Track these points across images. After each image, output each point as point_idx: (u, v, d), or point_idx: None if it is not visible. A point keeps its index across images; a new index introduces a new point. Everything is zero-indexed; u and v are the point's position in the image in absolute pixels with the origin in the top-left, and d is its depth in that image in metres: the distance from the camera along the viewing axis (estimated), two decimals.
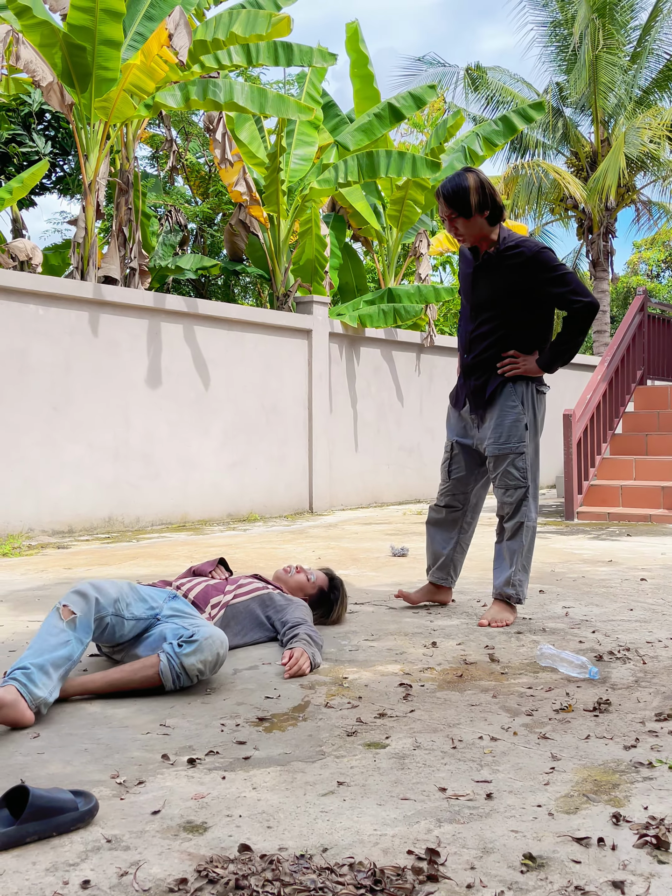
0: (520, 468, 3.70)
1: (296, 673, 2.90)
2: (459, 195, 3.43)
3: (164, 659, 2.66)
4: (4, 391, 6.65)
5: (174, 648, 2.67)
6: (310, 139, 10.32)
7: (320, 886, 1.56)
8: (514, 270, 3.56)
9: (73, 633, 2.60)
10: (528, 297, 3.60)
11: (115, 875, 1.62)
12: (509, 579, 3.76)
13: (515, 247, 3.56)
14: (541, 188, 16.64)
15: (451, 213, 3.47)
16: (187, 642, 2.68)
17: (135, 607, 2.87)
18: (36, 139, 9.29)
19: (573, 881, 1.58)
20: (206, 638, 2.69)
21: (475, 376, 3.75)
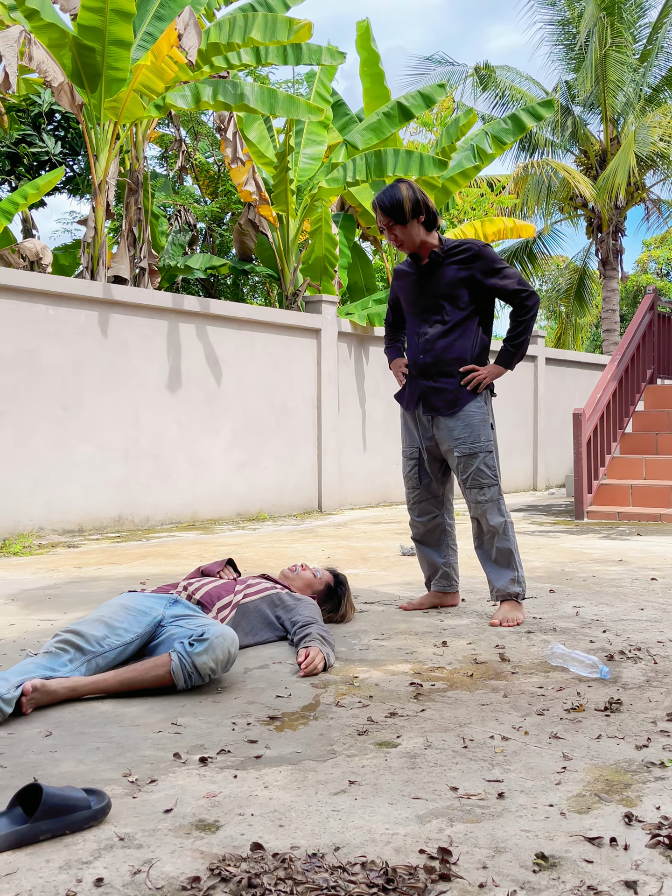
0: (490, 466, 3.77)
1: (311, 672, 2.91)
2: (394, 203, 3.59)
3: (175, 658, 2.67)
4: (15, 391, 6.67)
5: (185, 647, 2.68)
6: (319, 138, 10.33)
7: (332, 885, 1.57)
8: (463, 265, 3.68)
9: (46, 662, 2.63)
10: (476, 290, 3.71)
11: (129, 873, 1.62)
12: (515, 578, 3.78)
13: (460, 244, 3.71)
14: (550, 187, 16.60)
15: (389, 221, 3.63)
16: (198, 641, 2.69)
17: (133, 627, 2.88)
18: (46, 139, 9.31)
19: (586, 881, 1.58)
20: (216, 636, 2.70)
21: (432, 378, 3.78)
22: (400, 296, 3.91)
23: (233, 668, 3.00)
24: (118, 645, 2.80)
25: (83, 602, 4.20)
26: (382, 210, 3.60)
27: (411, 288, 3.81)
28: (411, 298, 3.82)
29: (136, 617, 2.91)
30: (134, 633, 2.86)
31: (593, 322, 24.11)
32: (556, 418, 12.64)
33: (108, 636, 2.79)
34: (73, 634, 2.74)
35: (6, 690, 2.44)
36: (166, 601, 3.06)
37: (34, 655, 2.67)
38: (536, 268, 19.16)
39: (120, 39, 7.11)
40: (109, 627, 2.82)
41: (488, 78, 16.87)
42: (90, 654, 2.73)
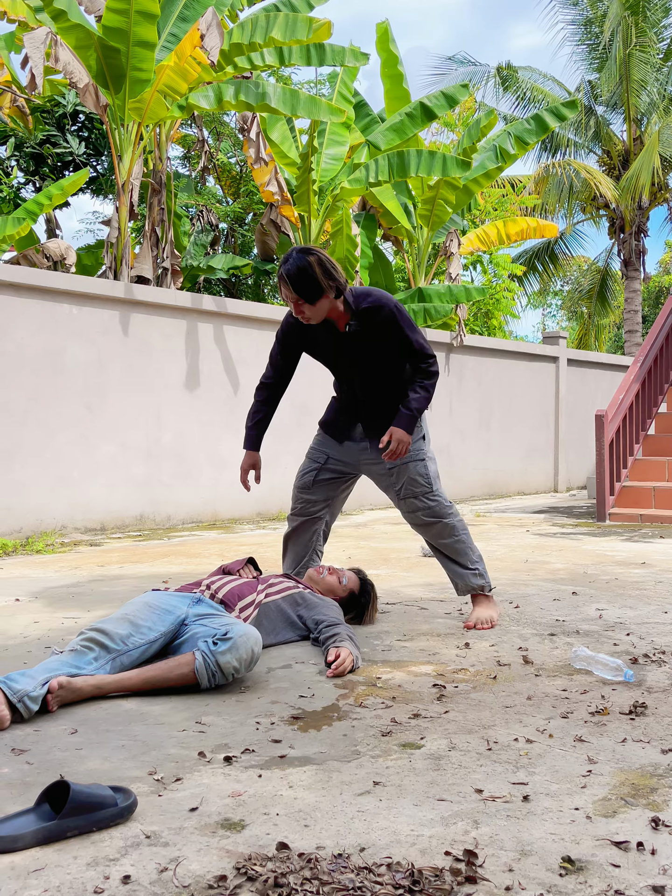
0: (423, 474, 3.71)
1: (340, 673, 2.91)
2: (304, 280, 3.31)
3: (199, 657, 2.68)
4: (40, 391, 6.71)
5: (209, 647, 2.69)
6: (341, 139, 10.33)
7: (359, 886, 1.57)
8: (381, 325, 3.52)
9: (71, 660, 2.64)
10: (394, 342, 3.58)
11: (155, 871, 1.63)
12: (475, 571, 3.74)
13: (372, 304, 3.50)
14: (572, 187, 16.53)
15: (297, 298, 3.38)
16: (222, 640, 2.70)
17: (157, 626, 2.88)
18: (70, 140, 9.36)
19: (613, 885, 1.57)
20: (240, 636, 2.71)
21: (370, 417, 3.73)
22: (306, 349, 3.72)
23: (256, 668, 3.01)
24: (142, 643, 2.81)
25: (106, 600, 4.23)
26: (293, 286, 3.33)
27: (327, 348, 3.65)
28: (330, 359, 3.70)
29: (159, 615, 2.92)
30: (157, 632, 2.87)
31: (615, 323, 23.97)
32: (577, 419, 12.58)
33: (133, 634, 2.81)
34: (98, 633, 2.75)
35: (32, 688, 2.46)
36: (190, 600, 3.07)
37: (59, 653, 2.69)
38: (558, 268, 19.09)
39: (144, 40, 7.14)
40: (134, 626, 2.84)
41: (510, 78, 16.82)
42: (115, 653, 2.74)
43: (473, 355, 10.98)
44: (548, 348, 12.08)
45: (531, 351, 11.82)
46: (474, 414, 11.00)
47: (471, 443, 10.95)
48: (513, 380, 11.55)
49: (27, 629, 3.62)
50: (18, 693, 2.43)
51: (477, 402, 11.03)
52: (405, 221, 11.10)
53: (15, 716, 2.43)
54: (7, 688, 2.42)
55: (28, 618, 3.86)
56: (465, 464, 10.85)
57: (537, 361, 11.94)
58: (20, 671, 2.53)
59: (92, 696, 2.62)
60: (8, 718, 2.39)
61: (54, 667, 2.60)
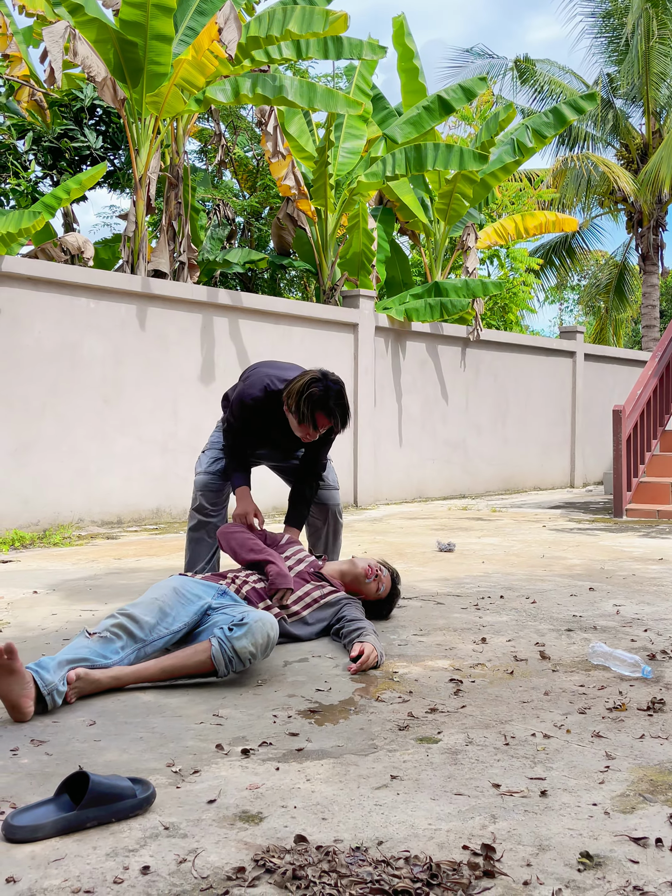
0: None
1: (365, 668, 2.92)
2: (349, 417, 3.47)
3: (215, 644, 2.68)
4: (57, 384, 6.74)
5: (225, 633, 2.69)
6: (358, 132, 10.30)
7: (377, 879, 1.57)
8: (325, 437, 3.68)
9: (98, 649, 2.65)
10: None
11: (174, 862, 1.64)
12: None
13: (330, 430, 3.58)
14: (590, 181, 16.42)
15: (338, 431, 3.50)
16: (238, 626, 2.70)
17: (181, 616, 2.88)
18: (87, 134, 9.36)
19: (631, 881, 1.57)
20: (256, 620, 2.71)
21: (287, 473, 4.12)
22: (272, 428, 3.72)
23: (272, 661, 3.02)
24: (167, 634, 2.82)
25: (123, 593, 4.24)
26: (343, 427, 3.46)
27: (284, 436, 3.71)
28: (282, 444, 3.84)
29: (184, 606, 2.91)
30: (182, 622, 2.87)
31: (633, 318, 23.82)
32: (594, 415, 12.52)
33: (160, 624, 2.81)
34: (128, 619, 2.75)
35: (60, 681, 2.48)
36: (215, 591, 3.06)
37: (89, 636, 2.69)
38: (575, 263, 18.98)
39: (161, 34, 7.14)
40: (162, 613, 2.83)
41: (528, 71, 16.72)
42: (140, 643, 2.75)
43: (490, 350, 10.95)
44: (565, 343, 12.03)
45: (548, 346, 11.77)
46: (490, 409, 10.97)
47: (487, 437, 10.92)
48: (529, 374, 11.51)
49: (45, 621, 3.64)
50: (49, 686, 2.45)
51: (493, 396, 11.00)
52: (422, 215, 11.07)
53: (39, 706, 2.45)
54: (40, 678, 2.44)
55: (46, 610, 3.88)
56: (481, 458, 10.83)
57: (554, 356, 11.89)
58: (50, 656, 2.55)
59: (110, 687, 2.64)
60: (31, 713, 2.41)
61: (82, 654, 2.60)
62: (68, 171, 9.53)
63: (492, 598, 4.18)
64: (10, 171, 9.14)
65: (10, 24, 8.80)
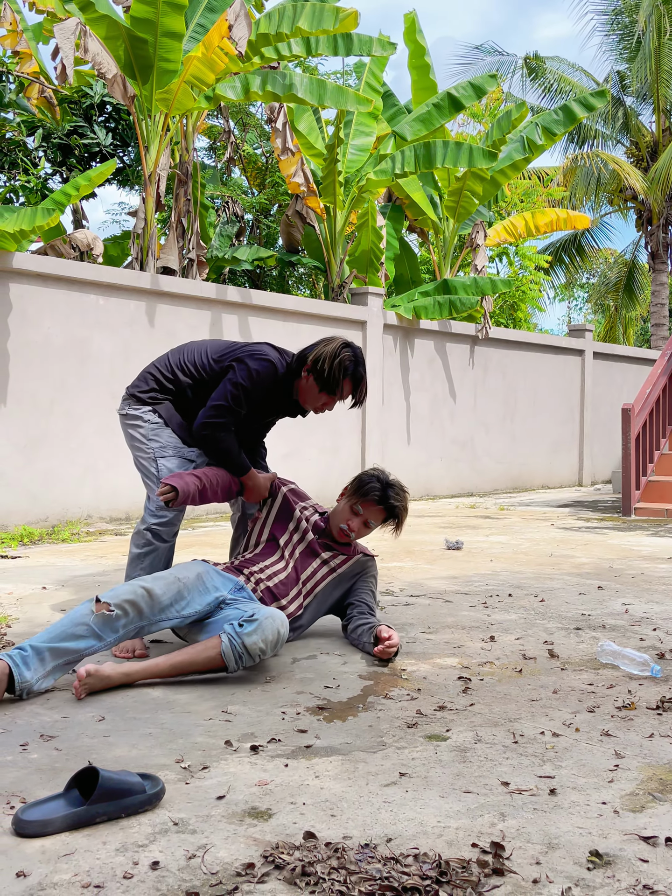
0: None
1: (391, 651, 2.94)
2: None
3: (225, 640, 2.68)
4: (66, 380, 6.76)
5: (235, 629, 2.69)
6: (368, 129, 10.29)
7: (386, 876, 1.57)
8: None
9: (96, 628, 2.61)
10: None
11: (184, 857, 1.65)
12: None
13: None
14: (599, 179, 16.38)
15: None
16: (248, 622, 2.70)
17: (195, 603, 2.85)
18: (97, 131, 9.37)
19: (641, 880, 1.57)
20: (266, 617, 2.71)
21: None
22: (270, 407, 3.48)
23: (281, 658, 3.02)
24: (175, 617, 2.80)
25: None
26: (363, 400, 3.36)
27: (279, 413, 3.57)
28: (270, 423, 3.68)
29: (202, 594, 2.88)
30: (194, 610, 2.84)
31: (642, 316, 23.76)
32: (602, 413, 12.49)
33: (173, 606, 2.78)
34: (145, 595, 2.70)
35: (37, 681, 2.54)
36: (233, 585, 3.03)
37: (94, 611, 2.62)
38: (585, 261, 18.94)
39: (172, 31, 7.14)
40: (179, 595, 2.80)
41: (538, 69, 16.68)
42: (146, 622, 2.73)
43: (498, 348, 10.93)
44: (574, 341, 12.00)
45: (557, 344, 11.75)
46: (498, 407, 10.95)
47: (495, 435, 10.90)
48: (538, 373, 11.49)
49: (54, 617, 3.65)
50: (24, 685, 2.50)
51: (501, 394, 10.99)
52: (431, 213, 11.05)
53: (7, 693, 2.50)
54: (18, 674, 2.47)
55: (55, 605, 3.89)
56: (489, 456, 10.81)
57: (563, 354, 11.87)
58: (39, 639, 2.55)
59: (120, 683, 2.64)
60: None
61: (74, 646, 2.57)
62: (78, 168, 9.55)
63: (500, 597, 4.18)
64: (19, 168, 9.16)
65: (21, 20, 8.81)
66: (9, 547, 5.81)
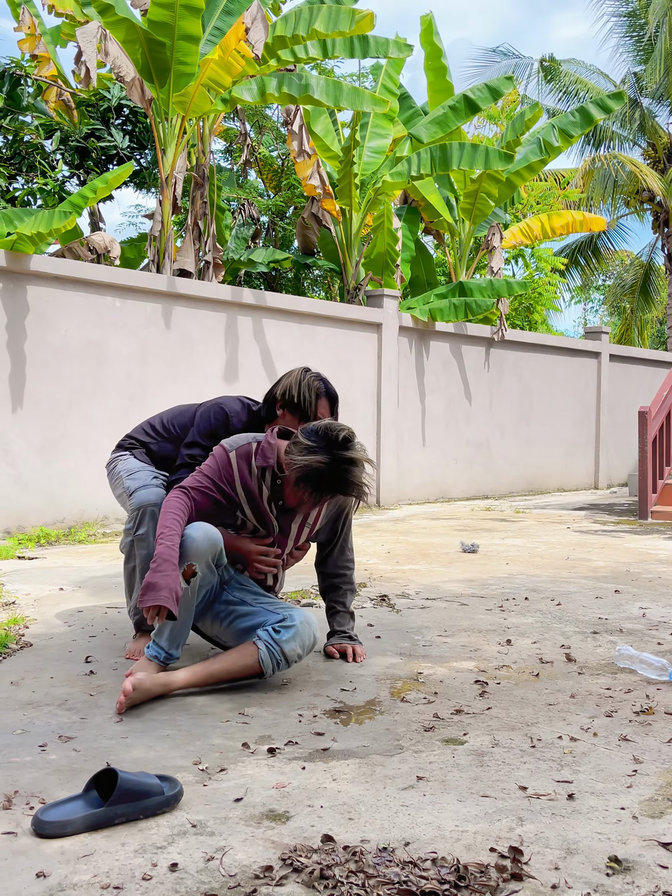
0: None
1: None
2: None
3: (262, 647, 2.67)
4: (83, 382, 6.79)
5: (271, 635, 2.69)
6: (384, 132, 10.29)
7: (404, 880, 1.57)
8: None
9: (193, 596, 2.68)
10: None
11: (202, 859, 1.65)
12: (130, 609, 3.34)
13: None
14: (616, 181, 16.32)
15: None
16: (284, 628, 2.70)
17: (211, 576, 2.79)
18: (114, 134, 9.41)
19: (661, 886, 1.56)
20: (301, 622, 2.72)
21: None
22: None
23: None
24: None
25: None
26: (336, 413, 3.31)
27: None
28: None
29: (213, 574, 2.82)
30: (209, 585, 2.80)
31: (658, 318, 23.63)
32: (618, 416, 12.44)
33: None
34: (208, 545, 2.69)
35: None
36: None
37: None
38: (601, 263, 18.87)
39: (189, 34, 7.17)
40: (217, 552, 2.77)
41: (553, 71, 16.63)
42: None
43: (514, 350, 10.90)
44: (589, 343, 11.96)
45: (572, 346, 11.71)
46: (514, 409, 10.92)
47: (510, 438, 10.87)
48: (553, 375, 11.45)
49: (71, 618, 3.67)
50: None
51: (517, 397, 10.96)
52: (447, 215, 11.04)
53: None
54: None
55: (72, 607, 3.90)
56: (505, 459, 10.79)
57: (579, 357, 11.83)
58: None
59: (160, 695, 2.60)
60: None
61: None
62: (95, 171, 9.59)
63: (516, 600, 4.17)
64: (37, 171, 9.21)
65: (39, 24, 8.86)
66: (26, 548, 5.84)
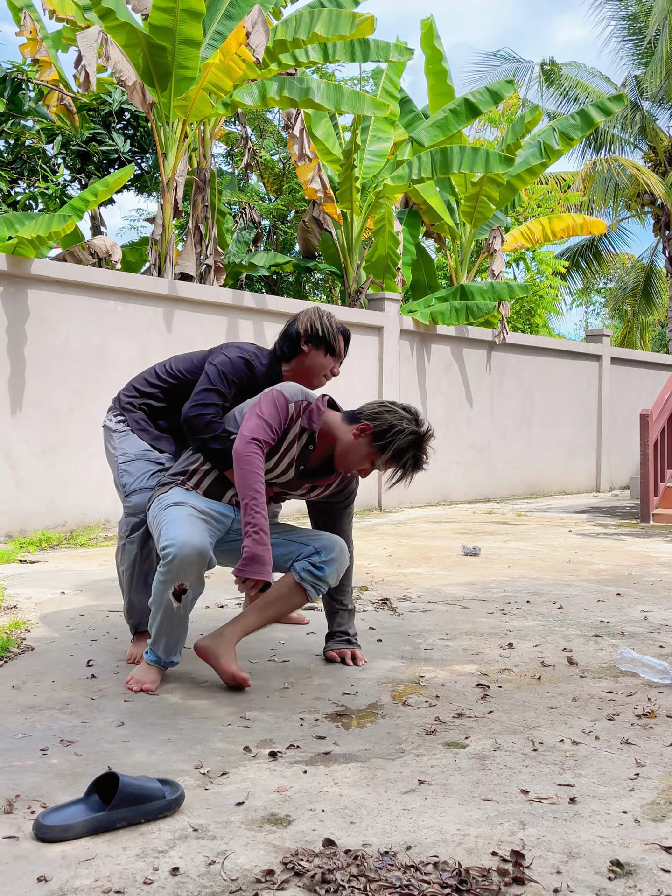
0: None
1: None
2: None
3: (310, 588, 2.82)
4: (84, 385, 6.79)
5: (314, 574, 2.81)
6: (385, 135, 10.30)
7: (406, 884, 1.57)
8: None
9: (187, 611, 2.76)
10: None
11: (203, 863, 1.65)
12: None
13: None
14: (617, 184, 16.32)
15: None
16: (325, 564, 2.82)
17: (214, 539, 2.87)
18: (115, 138, 9.43)
19: (663, 890, 1.56)
20: (338, 552, 2.86)
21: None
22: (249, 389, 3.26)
23: (298, 664, 3.03)
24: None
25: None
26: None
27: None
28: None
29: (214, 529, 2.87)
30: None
31: (660, 321, 23.64)
32: (620, 419, 12.44)
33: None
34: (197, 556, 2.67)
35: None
36: (234, 511, 2.92)
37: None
38: (602, 266, 18.87)
39: (190, 39, 7.18)
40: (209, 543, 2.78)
41: (554, 74, 16.65)
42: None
43: (515, 353, 10.90)
44: (591, 346, 11.96)
45: (574, 349, 11.71)
46: (515, 412, 10.92)
47: (512, 441, 10.87)
48: (555, 378, 11.45)
49: (73, 622, 3.67)
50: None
51: (518, 400, 10.95)
52: (448, 218, 11.05)
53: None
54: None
55: (73, 610, 3.90)
56: (506, 462, 10.78)
57: (580, 359, 11.83)
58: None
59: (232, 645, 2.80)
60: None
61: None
62: (96, 175, 9.61)
63: (518, 603, 4.16)
64: (39, 175, 9.22)
65: (41, 28, 8.88)
66: (28, 552, 5.84)
